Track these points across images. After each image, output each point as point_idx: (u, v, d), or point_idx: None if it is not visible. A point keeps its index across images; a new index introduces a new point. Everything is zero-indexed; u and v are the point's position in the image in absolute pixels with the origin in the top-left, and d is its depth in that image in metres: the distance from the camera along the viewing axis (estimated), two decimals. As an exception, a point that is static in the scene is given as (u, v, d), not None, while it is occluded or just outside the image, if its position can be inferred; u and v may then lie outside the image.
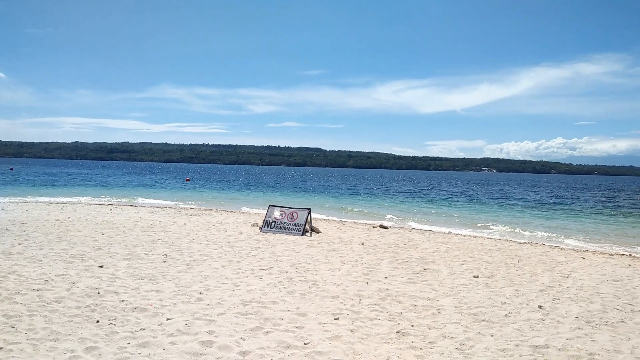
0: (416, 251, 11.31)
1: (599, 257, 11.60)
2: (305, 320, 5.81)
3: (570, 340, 5.45)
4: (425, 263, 9.85)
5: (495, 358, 4.87)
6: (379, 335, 5.40)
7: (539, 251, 12.19)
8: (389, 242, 12.67)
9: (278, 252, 10.34)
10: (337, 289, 7.36)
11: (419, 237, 14.12)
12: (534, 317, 6.33)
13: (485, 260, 10.46)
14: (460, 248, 12.08)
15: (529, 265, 9.99)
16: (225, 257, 9.59)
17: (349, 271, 8.73)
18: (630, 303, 7.21)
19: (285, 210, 13.93)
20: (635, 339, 5.60)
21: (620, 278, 9.01)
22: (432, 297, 7.14)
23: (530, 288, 7.95)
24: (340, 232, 14.47)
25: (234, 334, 5.22)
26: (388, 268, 9.18)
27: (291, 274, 8.32)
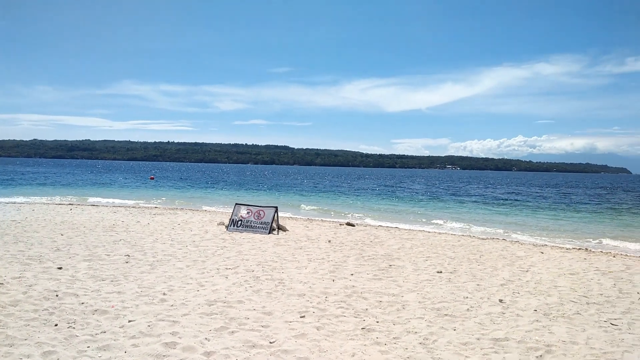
0: (382, 248, 11.44)
1: (556, 252, 12.03)
2: (271, 319, 5.80)
3: (529, 333, 5.63)
4: (391, 259, 9.98)
5: (458, 352, 4.98)
6: (344, 332, 5.44)
7: (500, 246, 12.55)
8: (356, 239, 12.78)
9: (244, 251, 10.26)
10: (303, 287, 7.37)
11: (384, 234, 14.29)
12: (495, 310, 6.51)
13: (448, 256, 10.69)
14: (424, 244, 12.30)
15: (490, 260, 10.27)
16: (190, 256, 9.45)
17: (315, 269, 8.75)
18: (585, 295, 7.51)
19: (252, 208, 13.84)
20: (590, 330, 5.83)
21: (577, 271, 9.37)
22: (396, 293, 7.24)
23: (492, 282, 8.18)
24: (307, 230, 14.48)
25: (198, 335, 5.15)
26: (354, 265, 9.25)
27: (257, 272, 8.28)
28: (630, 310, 6.70)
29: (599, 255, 11.91)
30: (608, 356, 4.96)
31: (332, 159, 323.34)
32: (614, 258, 11.42)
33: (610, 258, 11.35)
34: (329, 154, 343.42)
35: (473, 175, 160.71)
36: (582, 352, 5.06)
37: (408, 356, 4.82)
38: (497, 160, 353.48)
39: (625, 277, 8.92)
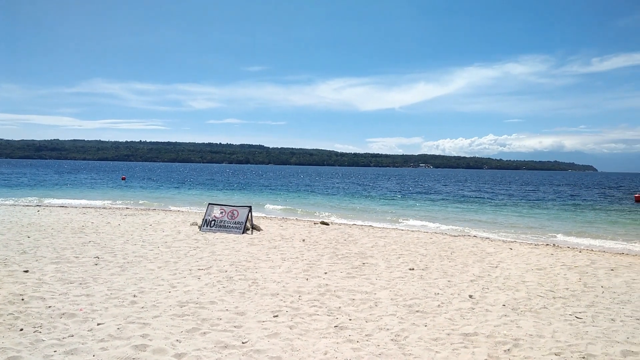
0: (356, 246, 11.52)
1: (524, 248, 12.34)
2: (244, 319, 5.77)
3: (497, 327, 5.76)
4: (364, 257, 10.06)
5: (428, 347, 5.06)
6: (317, 331, 5.46)
7: (470, 243, 12.79)
8: (330, 238, 12.83)
9: (218, 251, 10.18)
10: (277, 287, 7.36)
11: (358, 232, 14.39)
12: (465, 306, 6.64)
13: (420, 253, 10.83)
14: (397, 242, 12.43)
15: (461, 257, 10.45)
16: (161, 258, 9.32)
17: (289, 268, 8.75)
18: (552, 290, 7.73)
19: (225, 208, 13.73)
20: (556, 323, 6.00)
21: (544, 267, 9.63)
22: (369, 291, 7.31)
23: (462, 278, 8.33)
24: (281, 229, 14.46)
25: (169, 337, 5.09)
26: (328, 264, 9.29)
27: (231, 273, 8.23)
28: (595, 304, 6.93)
29: (565, 250, 12.28)
30: (573, 348, 5.12)
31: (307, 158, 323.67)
32: (579, 253, 11.78)
33: (576, 253, 11.71)
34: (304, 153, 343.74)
35: (445, 173, 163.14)
36: (548, 345, 5.20)
37: (380, 353, 4.87)
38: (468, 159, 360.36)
39: (590, 272, 9.21)
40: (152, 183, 48.53)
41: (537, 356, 4.89)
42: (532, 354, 4.94)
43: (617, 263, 10.30)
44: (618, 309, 6.67)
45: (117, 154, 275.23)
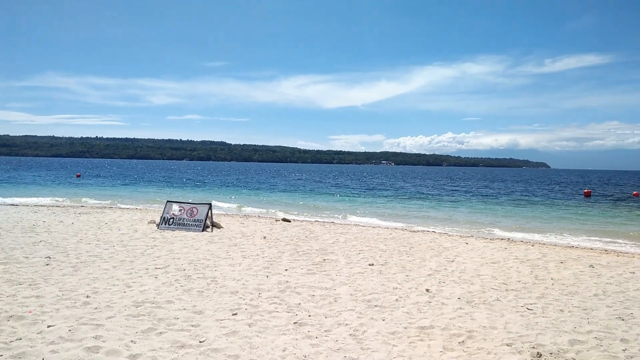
0: (317, 243, 11.56)
1: (480, 242, 12.72)
2: (201, 318, 5.69)
3: (452, 320, 5.92)
4: (325, 254, 10.11)
5: (386, 341, 5.14)
6: (276, 328, 5.45)
7: (428, 238, 13.07)
8: (291, 234, 12.81)
9: (176, 250, 9.99)
10: (236, 284, 7.30)
11: (320, 229, 14.44)
12: (422, 300, 6.78)
13: (380, 248, 10.98)
14: (358, 238, 12.56)
15: (420, 252, 10.67)
16: (117, 257, 9.06)
17: (249, 265, 8.69)
18: (505, 283, 8.00)
19: (184, 205, 13.48)
20: (508, 315, 6.22)
21: (498, 260, 9.95)
22: (329, 287, 7.35)
23: (420, 273, 8.50)
24: (242, 226, 14.33)
25: (123, 338, 4.96)
26: (289, 260, 9.28)
27: (189, 271, 8.09)
28: (545, 295, 7.21)
29: (518, 244, 12.73)
30: (523, 339, 5.32)
31: (270, 155, 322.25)
32: (532, 247, 12.25)
33: (529, 247, 12.16)
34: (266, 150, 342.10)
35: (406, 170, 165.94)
36: (501, 336, 5.38)
37: (338, 348, 4.91)
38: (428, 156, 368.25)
39: (541, 265, 9.59)
40: (109, 180, 47.09)
41: (489, 347, 5.05)
42: (485, 345, 5.10)
43: (567, 256, 10.77)
44: (566, 300, 6.97)
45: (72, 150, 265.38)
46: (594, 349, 5.04)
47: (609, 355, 4.87)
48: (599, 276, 8.65)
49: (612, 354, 4.92)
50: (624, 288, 7.80)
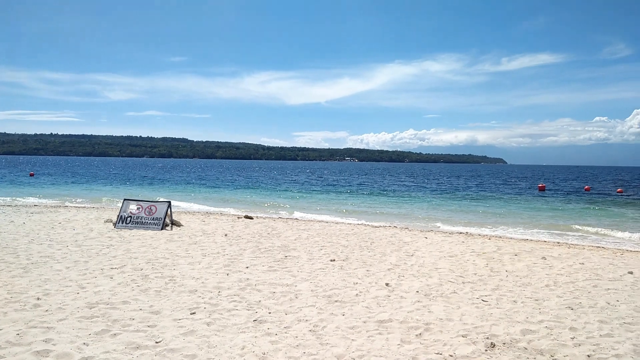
0: (279, 239, 11.51)
1: (439, 236, 12.99)
2: (158, 318, 5.57)
3: (410, 313, 6.02)
4: (287, 250, 10.08)
5: (345, 336, 5.18)
6: (235, 326, 5.40)
7: (389, 233, 13.25)
8: (253, 232, 12.72)
9: (133, 249, 9.73)
10: (195, 283, 7.18)
11: (282, 225, 14.40)
12: (381, 294, 6.87)
13: (342, 244, 11.05)
14: (320, 234, 12.59)
15: (380, 247, 10.80)
16: (70, 257, 8.74)
17: (209, 264, 8.56)
18: (461, 275, 8.20)
19: (142, 204, 13.15)
20: (464, 307, 6.38)
21: (455, 254, 10.19)
22: (290, 283, 7.33)
23: (380, 268, 8.61)
24: (203, 224, 14.11)
25: (75, 340, 4.80)
26: (250, 258, 9.21)
27: (146, 271, 7.90)
28: (499, 287, 7.44)
29: (475, 238, 13.08)
30: (478, 330, 5.47)
31: (234, 152, 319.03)
32: (488, 240, 12.61)
33: (485, 240, 12.52)
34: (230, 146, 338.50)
35: (369, 166, 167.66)
36: (456, 328, 5.51)
37: (298, 344, 4.91)
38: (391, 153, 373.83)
39: (497, 257, 9.89)
40: (64, 178, 45.41)
41: (445, 339, 5.17)
42: (442, 337, 5.21)
43: (521, 249, 11.14)
44: (520, 291, 7.21)
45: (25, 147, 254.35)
46: (545, 338, 5.23)
47: (558, 344, 5.07)
48: (551, 267, 9.00)
49: (561, 342, 5.13)
50: (573, 279, 8.14)
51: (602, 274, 8.59)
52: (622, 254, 11.19)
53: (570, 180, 62.67)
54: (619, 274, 8.57)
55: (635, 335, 5.40)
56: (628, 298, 6.96)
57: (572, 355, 4.77)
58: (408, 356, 4.68)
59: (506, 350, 4.90)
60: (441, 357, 4.69)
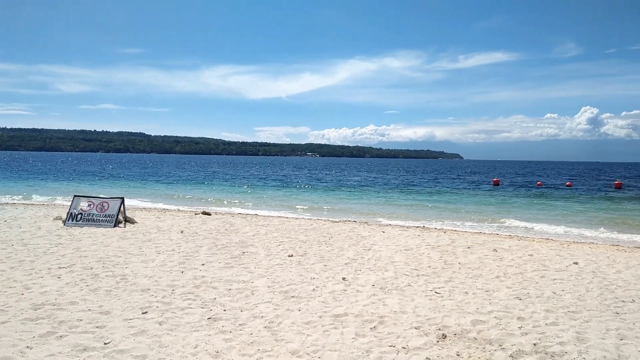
0: (237, 235, 11.39)
1: (396, 230, 13.20)
2: (108, 319, 5.39)
3: (366, 307, 6.08)
4: (245, 246, 9.99)
5: (300, 331, 5.18)
6: (189, 324, 5.29)
7: (348, 228, 13.35)
8: (210, 228, 12.52)
9: (83, 247, 9.39)
10: (148, 282, 7.00)
11: (241, 221, 14.25)
12: (338, 288, 6.91)
13: (300, 239, 11.05)
14: (279, 230, 12.54)
15: (339, 242, 10.86)
16: (15, 257, 8.34)
17: (163, 261, 8.37)
18: (416, 268, 8.35)
19: (94, 200, 12.70)
20: (418, 299, 6.50)
21: (411, 247, 10.38)
22: (247, 280, 7.27)
23: (337, 262, 8.66)
24: (159, 221, 13.78)
25: (18, 344, 4.58)
26: (206, 255, 9.06)
27: (97, 269, 7.63)
28: (452, 279, 7.63)
29: (431, 231, 13.37)
30: (430, 321, 5.58)
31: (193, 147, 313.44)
32: (443, 234, 12.91)
33: (440, 234, 12.81)
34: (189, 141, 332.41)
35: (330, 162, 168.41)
36: (410, 320, 5.61)
37: (252, 341, 4.86)
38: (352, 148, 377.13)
39: (450, 250, 10.14)
40: (11, 174, 43.29)
41: (399, 331, 5.25)
42: (395, 330, 5.29)
43: (474, 241, 11.47)
44: (471, 283, 7.42)
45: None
46: (494, 328, 5.40)
47: (506, 333, 5.25)
48: (501, 259, 9.31)
49: (509, 331, 5.31)
50: (522, 270, 8.44)
51: (550, 264, 8.96)
52: (569, 246, 11.71)
53: (524, 175, 65.03)
54: (565, 265, 8.96)
55: (578, 323, 5.65)
56: (573, 287, 7.29)
57: (519, 344, 4.94)
58: (362, 349, 4.73)
59: (457, 340, 5.03)
60: (394, 349, 4.76)
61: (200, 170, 64.53)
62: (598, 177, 57.99)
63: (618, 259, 9.83)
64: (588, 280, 7.80)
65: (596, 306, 6.34)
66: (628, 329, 5.45)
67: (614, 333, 5.31)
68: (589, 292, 7.06)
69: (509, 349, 4.80)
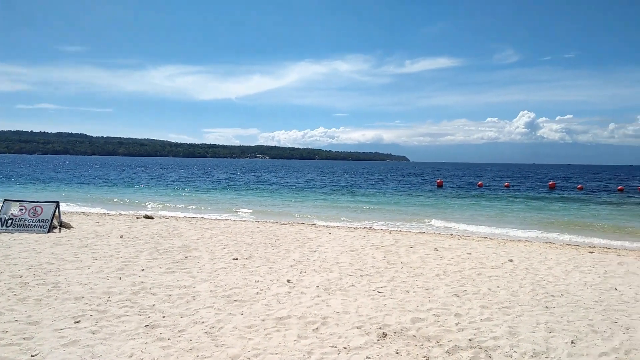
0: (180, 240, 11.10)
1: (342, 232, 13.32)
2: (36, 329, 5.09)
3: (309, 308, 6.08)
4: (188, 251, 9.75)
5: (242, 335, 5.11)
6: (124, 333, 5.09)
7: (295, 230, 13.34)
8: (152, 232, 12.13)
9: (13, 254, 8.83)
10: (82, 289, 6.68)
11: (185, 225, 13.91)
12: (282, 291, 6.87)
13: (246, 242, 10.92)
14: (224, 233, 12.34)
15: (285, 244, 10.83)
16: None
17: (100, 268, 8.02)
18: (360, 269, 8.46)
19: (26, 205, 11.99)
20: (360, 299, 6.57)
21: (356, 248, 10.50)
22: (189, 285, 7.09)
23: (283, 264, 8.62)
24: (97, 225, 13.20)
25: None
26: (147, 260, 8.76)
27: (27, 278, 7.20)
28: (394, 279, 7.78)
29: (376, 232, 13.61)
30: (372, 320, 5.66)
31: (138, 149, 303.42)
32: (388, 234, 13.16)
33: (385, 234, 13.05)
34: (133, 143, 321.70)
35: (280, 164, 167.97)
36: (352, 320, 5.67)
37: (191, 347, 4.75)
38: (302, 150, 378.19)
39: (394, 250, 10.35)
40: None
41: (341, 331, 5.29)
42: (337, 330, 5.33)
43: (416, 241, 11.77)
44: (412, 282, 7.60)
45: None
46: (432, 325, 5.56)
47: (444, 330, 5.41)
48: (442, 258, 9.60)
49: (447, 328, 5.47)
50: (461, 268, 8.75)
51: (486, 262, 9.33)
52: (505, 244, 12.26)
53: (466, 176, 67.52)
54: (500, 262, 9.37)
55: (511, 318, 5.91)
56: (507, 284, 7.62)
57: (456, 340, 5.10)
58: (303, 351, 4.72)
59: (396, 338, 5.13)
60: (335, 349, 4.79)
61: (144, 172, 62.51)
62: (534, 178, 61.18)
63: (550, 255, 10.39)
64: (521, 276, 8.19)
65: (528, 301, 6.66)
66: (556, 322, 5.76)
67: (543, 326, 5.59)
68: (522, 287, 7.41)
69: (446, 345, 4.95)
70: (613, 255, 10.93)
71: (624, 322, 5.82)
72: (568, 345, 5.03)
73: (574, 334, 5.36)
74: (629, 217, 20.40)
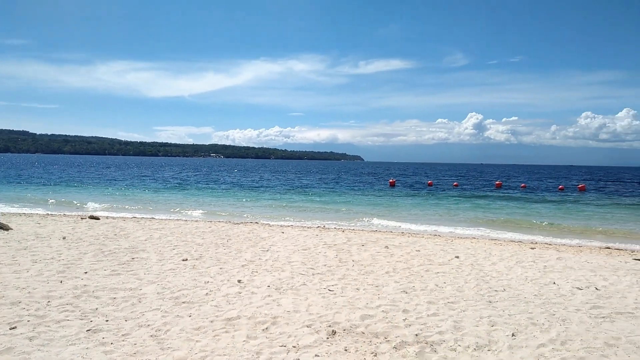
0: (127, 241, 10.75)
1: (295, 231, 13.32)
2: (-34, 338, 4.80)
3: (259, 308, 6.04)
4: (135, 252, 9.46)
5: (189, 338, 5.01)
6: (64, 338, 4.88)
7: (247, 229, 13.22)
8: (98, 233, 11.69)
9: (-58, 259, 8.27)
10: (20, 294, 6.34)
11: (133, 225, 13.48)
12: (232, 291, 6.79)
13: (197, 242, 10.72)
14: (174, 233, 12.06)
15: (237, 244, 10.71)
16: None
17: (40, 271, 7.64)
18: (312, 267, 8.48)
19: (-42, 205, 11.26)
20: (312, 297, 6.59)
21: (309, 247, 10.53)
22: (135, 287, 6.88)
23: (234, 264, 8.52)
24: (38, 226, 12.58)
25: None
26: (90, 262, 8.43)
27: (-43, 283, 6.77)
28: (345, 277, 7.85)
29: (330, 231, 13.70)
30: (322, 319, 5.69)
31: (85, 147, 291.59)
32: (341, 233, 13.28)
33: (338, 233, 13.16)
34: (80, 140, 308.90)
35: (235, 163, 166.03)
36: (302, 319, 5.68)
37: (135, 351, 4.61)
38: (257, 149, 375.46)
39: (346, 248, 10.45)
40: None
41: (291, 330, 5.29)
42: (287, 329, 5.32)
43: (368, 239, 11.94)
44: (363, 279, 7.70)
45: None
46: (381, 322, 5.65)
47: (392, 326, 5.51)
48: (392, 255, 9.79)
49: (395, 324, 5.58)
50: (410, 265, 8.95)
51: (434, 259, 9.59)
52: (453, 241, 12.65)
53: (417, 175, 69.12)
54: (447, 259, 9.65)
55: (456, 312, 6.10)
56: (453, 280, 7.87)
57: (403, 336, 5.21)
58: (252, 352, 4.69)
59: (346, 336, 5.18)
60: (284, 349, 4.78)
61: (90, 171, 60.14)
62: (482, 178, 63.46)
63: (494, 252, 10.80)
64: (467, 272, 8.47)
65: (472, 296, 6.90)
66: (498, 316, 5.99)
67: (486, 320, 5.81)
68: (467, 283, 7.67)
69: (393, 341, 5.05)
70: (553, 251, 11.50)
71: (561, 315, 6.14)
72: (509, 337, 5.25)
73: (514, 327, 5.60)
74: (568, 215, 21.53)
